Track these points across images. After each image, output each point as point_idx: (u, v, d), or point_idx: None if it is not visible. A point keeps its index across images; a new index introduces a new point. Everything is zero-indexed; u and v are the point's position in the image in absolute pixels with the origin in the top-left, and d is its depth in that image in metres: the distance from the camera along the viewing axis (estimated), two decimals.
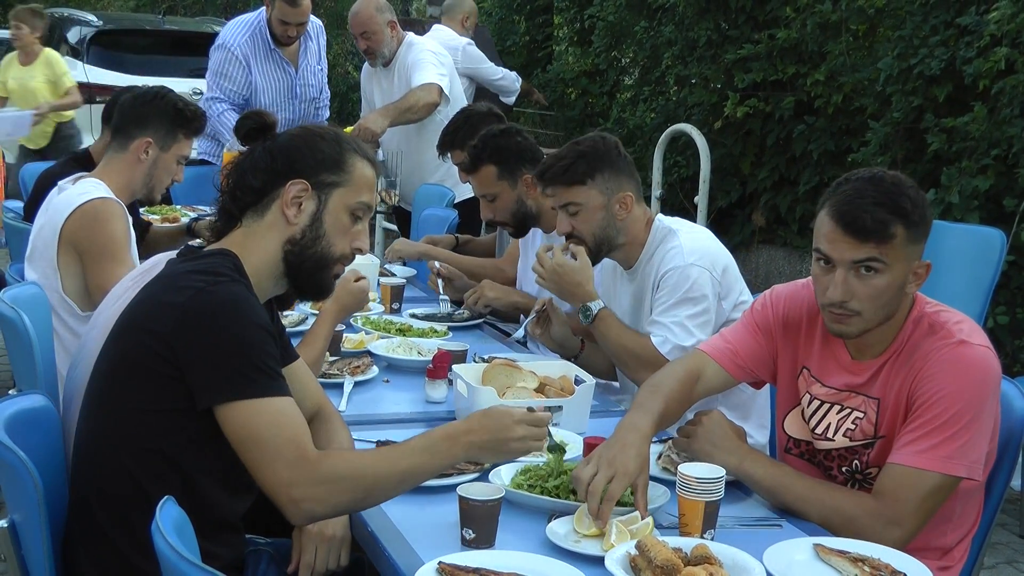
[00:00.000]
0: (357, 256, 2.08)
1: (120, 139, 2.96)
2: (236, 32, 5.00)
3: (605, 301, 3.00)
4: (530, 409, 1.94)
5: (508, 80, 6.35)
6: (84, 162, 3.65)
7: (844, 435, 2.14)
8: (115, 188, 2.90)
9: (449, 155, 3.95)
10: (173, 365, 1.76)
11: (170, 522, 1.44)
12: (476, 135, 3.62)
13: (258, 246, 1.92)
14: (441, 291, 3.55)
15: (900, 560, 1.80)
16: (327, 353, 2.70)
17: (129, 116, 2.95)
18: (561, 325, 2.94)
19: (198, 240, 3.28)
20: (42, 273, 2.78)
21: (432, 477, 1.90)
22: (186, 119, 2.98)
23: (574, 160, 2.73)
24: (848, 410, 2.14)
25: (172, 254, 2.41)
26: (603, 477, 1.87)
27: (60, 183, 2.96)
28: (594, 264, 2.84)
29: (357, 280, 2.74)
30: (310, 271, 1.95)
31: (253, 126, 1.98)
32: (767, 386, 2.45)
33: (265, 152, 1.94)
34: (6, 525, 1.82)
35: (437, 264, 3.62)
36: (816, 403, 2.20)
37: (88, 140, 7.28)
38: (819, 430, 2.19)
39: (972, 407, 1.96)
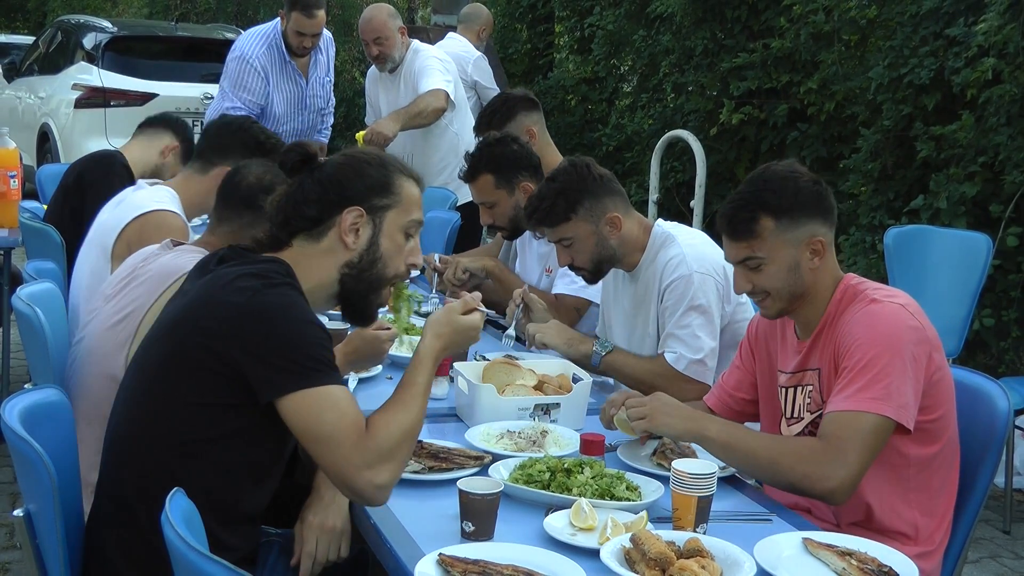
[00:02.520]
0: None
1: (201, 163, 3.06)
2: (253, 43, 5.03)
3: (607, 303, 3.08)
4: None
5: None
6: (118, 161, 3.76)
7: (808, 410, 2.26)
8: (186, 203, 2.99)
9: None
10: (227, 363, 1.81)
11: (179, 513, 1.49)
12: (513, 118, 3.69)
13: (313, 267, 1.97)
14: (434, 287, 3.61)
15: (886, 554, 1.86)
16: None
17: (213, 143, 3.06)
18: (541, 312, 3.03)
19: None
20: (94, 260, 2.84)
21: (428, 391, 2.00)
22: (265, 151, 3.01)
23: (554, 200, 2.79)
24: (804, 387, 2.27)
25: (155, 247, 2.49)
26: (636, 415, 2.19)
27: (140, 181, 3.06)
28: (596, 281, 2.93)
29: (377, 328, 2.59)
30: (364, 292, 2.01)
31: (298, 159, 2.02)
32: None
33: (315, 183, 1.97)
34: (22, 515, 1.87)
35: (436, 257, 3.69)
36: (784, 391, 2.32)
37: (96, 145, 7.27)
38: (795, 414, 2.30)
39: (886, 352, 2.07)
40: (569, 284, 3.35)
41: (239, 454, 1.88)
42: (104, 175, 3.70)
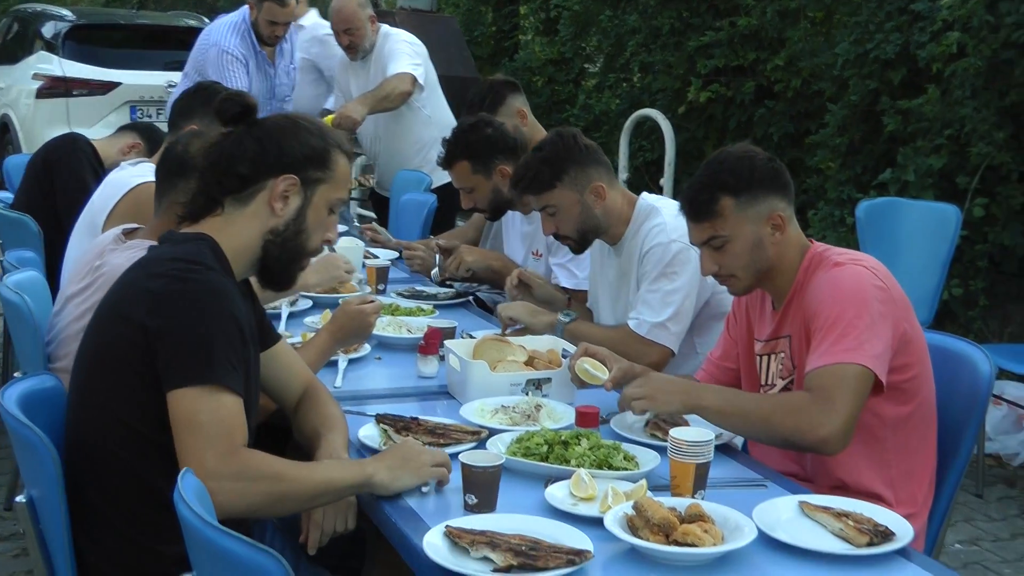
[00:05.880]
0: (342, 240, 2.06)
1: (172, 131, 3.07)
2: (227, 35, 4.96)
3: (594, 278, 3.12)
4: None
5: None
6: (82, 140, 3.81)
7: (780, 377, 2.32)
8: None
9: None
10: (144, 351, 1.79)
11: (192, 491, 1.50)
12: (504, 102, 3.77)
13: (238, 232, 1.94)
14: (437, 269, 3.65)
15: (881, 514, 1.90)
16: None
17: (177, 108, 3.07)
18: (541, 287, 3.09)
19: None
20: (85, 244, 2.82)
21: (343, 493, 1.94)
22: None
23: (539, 168, 2.83)
24: (776, 354, 2.33)
25: (118, 231, 2.46)
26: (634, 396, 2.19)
27: (122, 163, 3.06)
28: (584, 251, 2.97)
29: (361, 304, 2.59)
30: (286, 262, 1.99)
31: (238, 110, 1.98)
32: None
33: (254, 141, 1.94)
34: (25, 500, 1.86)
35: (441, 241, 3.71)
36: (760, 359, 2.38)
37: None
38: (768, 381, 2.36)
39: (851, 308, 2.12)
40: (569, 278, 3.38)
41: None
42: (69, 152, 3.78)
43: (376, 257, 3.86)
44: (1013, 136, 4.98)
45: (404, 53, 4.89)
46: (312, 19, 5.53)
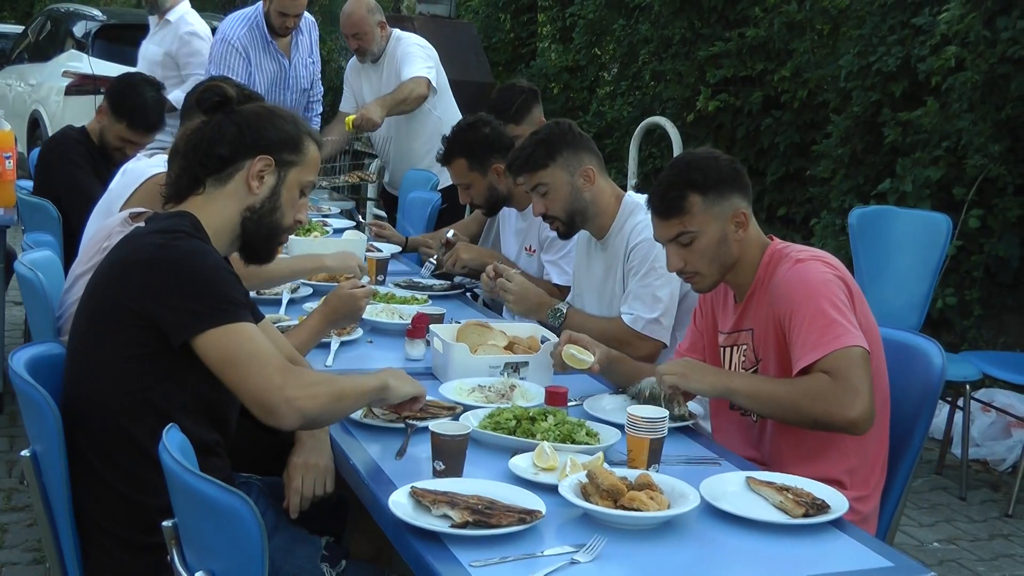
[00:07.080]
0: (346, 233, 2.20)
1: (183, 125, 3.24)
2: (235, 26, 5.19)
3: (579, 273, 3.26)
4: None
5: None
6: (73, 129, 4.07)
7: (743, 368, 2.44)
8: None
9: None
10: (140, 315, 1.92)
11: (176, 444, 1.66)
12: (530, 111, 4.05)
13: (218, 210, 2.09)
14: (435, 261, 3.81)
15: (819, 489, 2.03)
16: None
17: (186, 105, 3.18)
18: (516, 278, 3.20)
19: None
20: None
21: (377, 394, 2.12)
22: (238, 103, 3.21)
23: (535, 148, 3.00)
24: (740, 346, 2.46)
25: (125, 214, 2.63)
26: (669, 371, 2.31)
27: (139, 155, 3.27)
28: (571, 236, 3.12)
29: (353, 288, 2.70)
30: (264, 237, 2.15)
31: (217, 99, 2.15)
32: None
33: (232, 124, 2.10)
34: (29, 455, 2.01)
35: (450, 233, 3.87)
36: (723, 351, 2.50)
37: None
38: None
39: (824, 299, 2.26)
40: (560, 275, 3.53)
41: (176, 397, 1.97)
42: (60, 153, 4.00)
43: (379, 251, 4.02)
44: (1009, 149, 5.07)
45: (417, 57, 5.05)
46: (179, 13, 5.64)
